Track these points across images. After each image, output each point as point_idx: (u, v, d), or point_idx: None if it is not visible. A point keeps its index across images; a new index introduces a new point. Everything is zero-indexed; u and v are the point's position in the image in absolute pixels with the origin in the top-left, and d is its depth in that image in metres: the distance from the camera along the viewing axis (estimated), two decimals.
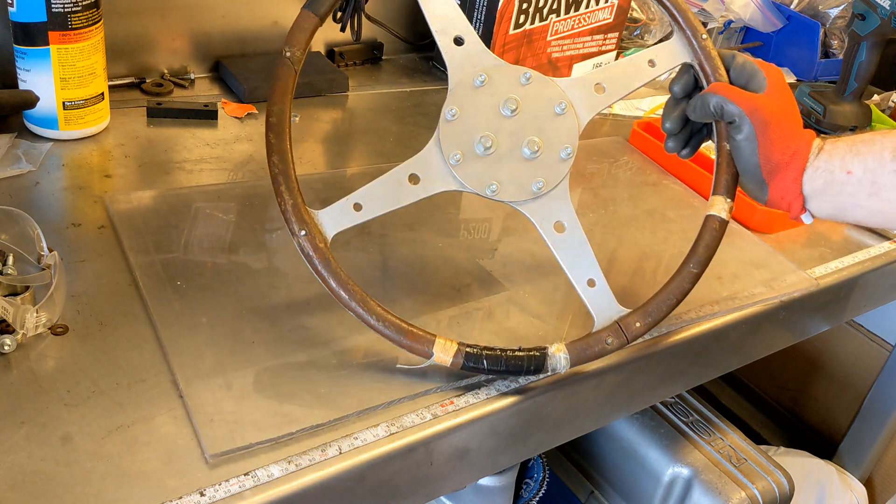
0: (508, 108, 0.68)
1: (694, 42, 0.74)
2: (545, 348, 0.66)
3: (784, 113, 0.69)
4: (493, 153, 0.67)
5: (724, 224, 0.71)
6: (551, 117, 0.69)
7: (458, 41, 0.68)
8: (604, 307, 0.69)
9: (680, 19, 0.75)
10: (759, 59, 0.73)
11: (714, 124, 0.74)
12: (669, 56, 0.75)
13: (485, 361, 0.64)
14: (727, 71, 0.73)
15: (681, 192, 1.04)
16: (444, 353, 0.64)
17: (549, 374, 0.67)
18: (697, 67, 0.74)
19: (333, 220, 0.65)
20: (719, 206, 0.72)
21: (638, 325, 0.68)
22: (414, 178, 0.67)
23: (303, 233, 0.63)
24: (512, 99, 0.68)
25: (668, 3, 0.75)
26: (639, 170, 1.07)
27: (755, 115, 0.68)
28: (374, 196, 0.66)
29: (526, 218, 0.70)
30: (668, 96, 0.76)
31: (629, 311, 0.69)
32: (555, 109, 0.69)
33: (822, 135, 0.71)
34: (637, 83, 0.73)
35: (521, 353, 0.65)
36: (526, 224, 0.70)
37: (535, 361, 0.65)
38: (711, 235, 0.71)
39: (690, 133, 0.77)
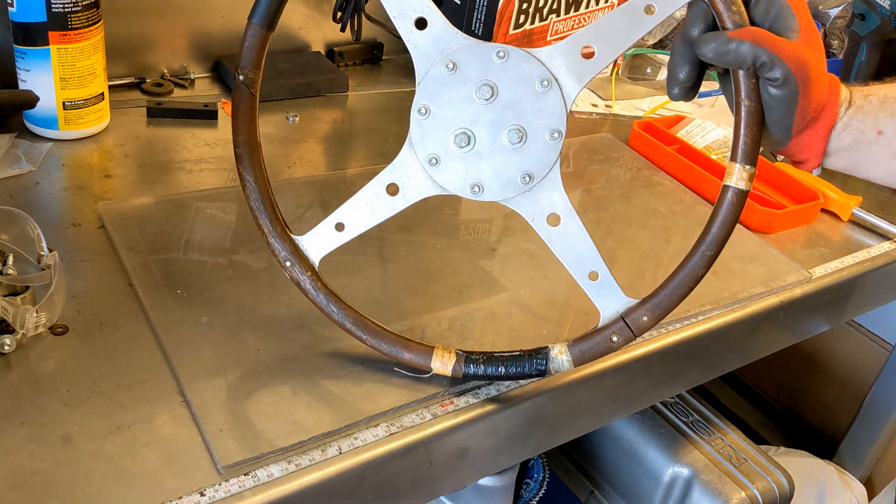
0: (483, 95, 0.61)
1: None
2: (546, 350, 0.65)
3: (821, 63, 0.61)
4: (472, 149, 0.62)
5: (742, 196, 0.61)
6: (533, 97, 0.61)
7: (421, 24, 0.60)
8: (610, 301, 0.65)
9: None
10: None
11: (732, 74, 0.60)
12: None
13: (484, 368, 0.64)
14: (745, 5, 0.60)
15: (682, 193, 1.03)
16: (442, 365, 0.64)
17: (552, 375, 0.66)
18: (708, 3, 0.60)
19: (317, 244, 0.65)
20: (737, 176, 0.61)
21: (646, 318, 0.63)
22: (393, 188, 0.64)
23: (288, 263, 0.64)
24: (485, 85, 0.61)
25: None
26: (639, 171, 1.07)
27: (800, 70, 0.58)
28: (355, 213, 0.64)
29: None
30: (676, 39, 0.63)
31: (637, 301, 0.64)
32: (536, 87, 0.61)
33: (845, 83, 0.65)
34: (633, 37, 0.61)
35: (521, 358, 0.65)
36: (525, 223, 0.67)
37: (536, 365, 0.65)
38: (728, 210, 0.61)
39: (700, 75, 0.63)
